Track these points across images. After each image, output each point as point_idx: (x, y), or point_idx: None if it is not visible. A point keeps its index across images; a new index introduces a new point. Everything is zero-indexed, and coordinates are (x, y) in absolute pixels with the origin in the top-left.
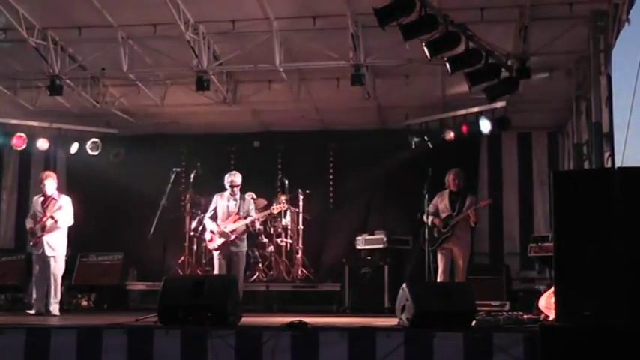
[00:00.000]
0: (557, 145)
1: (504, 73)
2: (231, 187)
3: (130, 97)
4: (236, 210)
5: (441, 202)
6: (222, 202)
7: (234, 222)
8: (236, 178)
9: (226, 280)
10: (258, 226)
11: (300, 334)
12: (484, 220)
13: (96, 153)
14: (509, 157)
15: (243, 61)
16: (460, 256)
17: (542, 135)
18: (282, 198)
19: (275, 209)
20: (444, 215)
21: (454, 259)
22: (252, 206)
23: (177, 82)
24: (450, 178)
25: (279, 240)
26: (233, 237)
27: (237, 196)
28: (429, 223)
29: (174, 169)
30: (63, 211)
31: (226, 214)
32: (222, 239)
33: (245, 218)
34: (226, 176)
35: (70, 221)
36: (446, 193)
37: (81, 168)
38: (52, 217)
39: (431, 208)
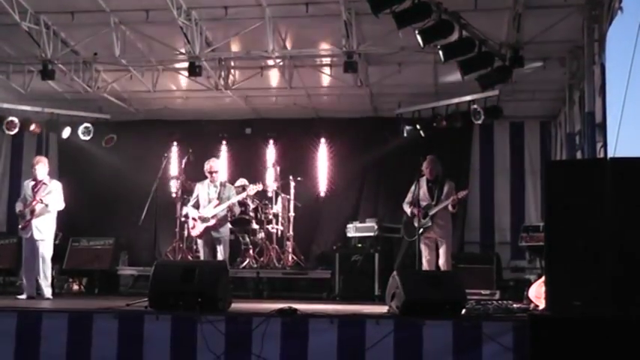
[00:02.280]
0: (549, 135)
1: (497, 62)
2: (210, 173)
3: (122, 82)
4: (216, 196)
5: (419, 190)
6: (203, 189)
7: (214, 207)
8: (214, 164)
9: (217, 266)
10: (237, 210)
11: (290, 321)
12: (475, 209)
13: (88, 138)
14: (501, 146)
15: (236, 47)
16: (442, 244)
17: (534, 124)
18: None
19: (251, 190)
20: (423, 204)
21: (438, 249)
22: (232, 192)
23: (170, 68)
24: (425, 166)
25: (270, 227)
26: (213, 222)
27: (217, 182)
28: (409, 213)
29: (165, 155)
30: (52, 195)
31: (207, 200)
32: (204, 225)
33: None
34: (205, 163)
35: (61, 205)
36: (423, 180)
37: (73, 153)
38: (41, 201)
39: (410, 197)
